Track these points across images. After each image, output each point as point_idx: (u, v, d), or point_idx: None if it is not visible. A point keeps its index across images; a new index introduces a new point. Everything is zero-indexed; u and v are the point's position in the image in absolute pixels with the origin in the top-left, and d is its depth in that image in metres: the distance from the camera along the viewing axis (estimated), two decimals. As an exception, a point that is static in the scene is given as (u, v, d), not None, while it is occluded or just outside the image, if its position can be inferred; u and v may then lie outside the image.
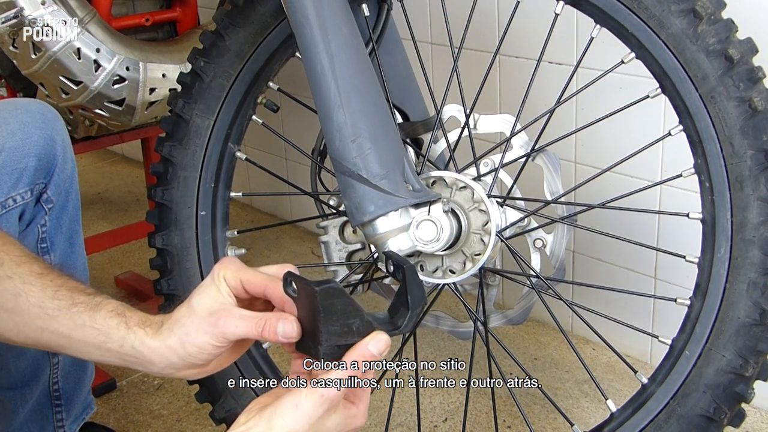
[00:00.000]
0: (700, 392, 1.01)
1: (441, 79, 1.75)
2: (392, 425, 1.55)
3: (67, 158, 1.21)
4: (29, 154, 1.15)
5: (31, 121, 1.16)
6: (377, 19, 1.23)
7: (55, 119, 1.20)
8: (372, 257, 1.22)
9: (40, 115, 1.18)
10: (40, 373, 1.27)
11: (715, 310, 1.01)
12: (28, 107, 1.18)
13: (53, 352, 0.92)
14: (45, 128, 1.17)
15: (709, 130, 1.00)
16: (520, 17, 1.19)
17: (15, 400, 1.26)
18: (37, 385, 1.27)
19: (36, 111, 1.18)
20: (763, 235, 0.98)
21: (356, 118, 1.02)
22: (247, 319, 0.82)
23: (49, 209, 1.22)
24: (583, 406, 1.59)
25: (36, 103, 1.21)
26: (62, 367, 1.29)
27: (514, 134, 1.18)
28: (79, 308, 0.89)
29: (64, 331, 0.89)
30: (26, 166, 1.15)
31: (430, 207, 1.06)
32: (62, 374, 1.30)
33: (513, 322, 1.22)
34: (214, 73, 1.26)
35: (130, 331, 0.87)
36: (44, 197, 1.21)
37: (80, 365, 1.33)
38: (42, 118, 1.18)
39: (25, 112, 1.17)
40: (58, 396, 1.31)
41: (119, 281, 2.16)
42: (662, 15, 1.01)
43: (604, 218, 1.53)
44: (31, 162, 1.15)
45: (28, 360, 1.25)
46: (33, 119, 1.16)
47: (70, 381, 1.31)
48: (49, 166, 1.18)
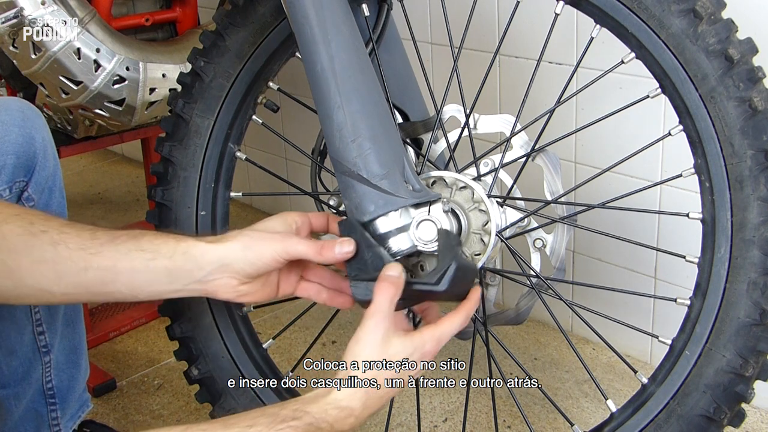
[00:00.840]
0: (700, 392, 1.01)
1: (441, 79, 1.75)
2: (392, 425, 1.55)
3: (48, 156, 1.20)
4: (7, 152, 1.14)
5: (9, 119, 1.15)
6: (377, 19, 1.23)
7: (34, 117, 1.18)
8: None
9: (19, 112, 1.16)
10: (32, 371, 1.27)
11: (715, 310, 1.01)
12: (6, 105, 1.17)
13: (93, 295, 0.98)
14: (24, 126, 1.16)
15: (709, 130, 1.00)
16: (520, 17, 1.19)
17: (9, 398, 1.26)
18: (30, 383, 1.27)
19: (15, 109, 1.17)
20: (763, 235, 0.98)
21: (356, 118, 1.02)
22: (309, 243, 0.97)
23: (30, 207, 1.20)
24: (583, 406, 1.59)
25: (15, 101, 1.19)
26: (55, 365, 1.29)
27: (514, 134, 1.18)
28: (121, 239, 0.95)
29: (109, 264, 0.94)
30: (4, 164, 1.14)
31: (430, 207, 1.06)
32: (55, 372, 1.30)
33: (513, 322, 1.22)
34: (214, 73, 1.26)
35: (180, 241, 0.95)
36: (25, 195, 1.19)
37: (73, 363, 1.33)
38: (21, 115, 1.16)
39: (3, 111, 1.16)
40: (52, 394, 1.31)
41: (119, 281, 2.15)
42: (662, 15, 1.01)
43: (604, 218, 1.53)
44: (9, 160, 1.14)
45: (20, 359, 1.25)
46: (11, 117, 1.15)
47: (63, 379, 1.31)
48: (29, 163, 1.17)
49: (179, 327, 1.27)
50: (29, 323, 1.24)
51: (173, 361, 1.80)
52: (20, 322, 1.23)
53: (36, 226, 0.95)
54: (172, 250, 0.95)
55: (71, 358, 1.32)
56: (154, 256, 0.94)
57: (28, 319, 1.24)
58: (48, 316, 1.25)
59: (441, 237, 1.01)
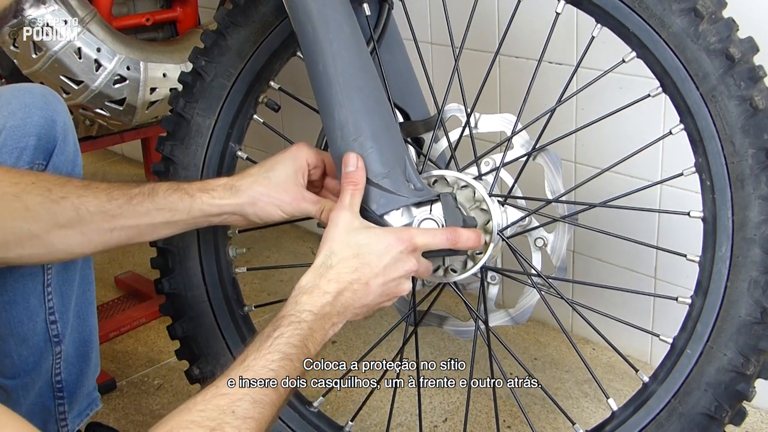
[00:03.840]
0: (702, 391, 1.02)
1: (442, 79, 1.75)
2: (392, 425, 1.55)
3: (68, 140, 1.21)
4: (29, 134, 1.16)
5: (32, 102, 1.17)
6: (378, 18, 1.23)
7: (56, 102, 1.21)
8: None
9: (41, 96, 1.19)
10: (43, 361, 1.26)
11: (716, 308, 1.01)
12: (30, 89, 1.19)
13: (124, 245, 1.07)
14: (46, 109, 1.18)
15: (710, 128, 1.00)
16: (521, 17, 1.19)
17: (17, 389, 1.26)
18: (40, 374, 1.27)
19: (38, 93, 1.19)
20: (764, 234, 0.98)
21: (357, 117, 1.02)
22: (315, 204, 1.06)
23: None
24: (583, 405, 1.59)
25: (38, 87, 1.21)
26: (65, 357, 1.29)
27: (515, 133, 1.18)
28: (138, 199, 1.03)
29: (132, 223, 1.03)
30: (26, 145, 1.16)
31: (432, 206, 1.06)
32: (65, 365, 1.29)
33: (514, 321, 1.22)
34: (216, 72, 1.26)
35: (195, 198, 1.05)
36: None
37: (83, 356, 1.33)
38: (43, 99, 1.18)
39: (26, 94, 1.18)
40: (60, 388, 1.30)
41: (119, 281, 2.16)
42: (663, 14, 1.01)
43: (605, 217, 1.53)
44: (31, 141, 1.16)
45: (31, 348, 1.25)
46: (34, 100, 1.17)
47: (72, 372, 1.31)
48: (49, 146, 1.18)
49: (180, 326, 1.27)
50: (42, 311, 1.24)
51: (173, 361, 1.79)
52: (33, 309, 1.23)
53: (54, 193, 1.01)
54: (189, 207, 1.04)
55: (81, 350, 1.31)
56: (173, 214, 1.04)
57: (41, 306, 1.24)
58: (61, 305, 1.25)
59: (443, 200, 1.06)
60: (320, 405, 1.28)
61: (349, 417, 1.27)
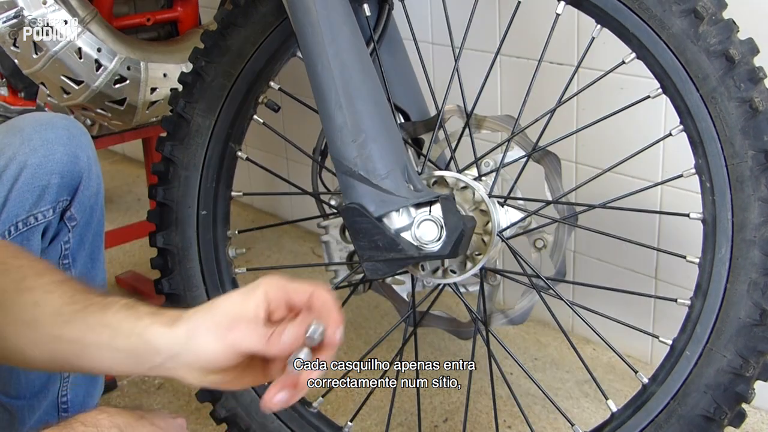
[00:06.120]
0: (701, 392, 1.01)
1: (442, 79, 1.75)
2: (392, 425, 1.55)
3: (92, 175, 1.18)
4: (53, 172, 1.12)
5: (55, 138, 1.13)
6: (378, 18, 1.23)
7: (80, 135, 1.17)
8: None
9: (64, 131, 1.14)
10: (51, 384, 1.25)
11: (715, 310, 1.01)
12: (52, 123, 1.15)
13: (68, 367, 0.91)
14: (69, 144, 1.14)
15: (710, 130, 1.00)
16: (521, 17, 1.19)
17: (23, 410, 1.25)
18: (47, 396, 1.26)
19: (61, 127, 1.15)
20: (763, 236, 0.98)
21: (357, 118, 1.02)
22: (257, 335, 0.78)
23: (72, 227, 1.19)
24: (583, 406, 1.59)
25: (61, 119, 1.17)
26: (72, 379, 1.28)
27: (515, 134, 1.18)
28: (92, 309, 0.86)
29: (78, 336, 0.85)
30: (49, 183, 1.12)
31: (431, 207, 1.06)
32: (72, 387, 1.28)
33: (514, 322, 1.22)
34: (216, 72, 1.26)
35: (139, 320, 0.83)
36: (68, 215, 1.17)
37: (92, 378, 1.32)
38: (67, 134, 1.14)
39: (49, 128, 1.14)
40: (65, 408, 1.29)
41: (120, 281, 2.16)
42: (663, 15, 1.01)
43: (605, 218, 1.53)
44: (54, 179, 1.12)
45: (39, 371, 1.24)
46: (57, 135, 1.13)
47: (79, 393, 1.29)
48: (74, 183, 1.15)
49: (180, 326, 1.27)
50: None
51: (174, 361, 1.79)
52: None
53: (26, 282, 0.88)
54: (130, 330, 0.83)
55: None
56: (116, 335, 0.84)
57: None
58: None
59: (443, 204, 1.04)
60: (320, 405, 1.28)
61: (348, 417, 1.28)
